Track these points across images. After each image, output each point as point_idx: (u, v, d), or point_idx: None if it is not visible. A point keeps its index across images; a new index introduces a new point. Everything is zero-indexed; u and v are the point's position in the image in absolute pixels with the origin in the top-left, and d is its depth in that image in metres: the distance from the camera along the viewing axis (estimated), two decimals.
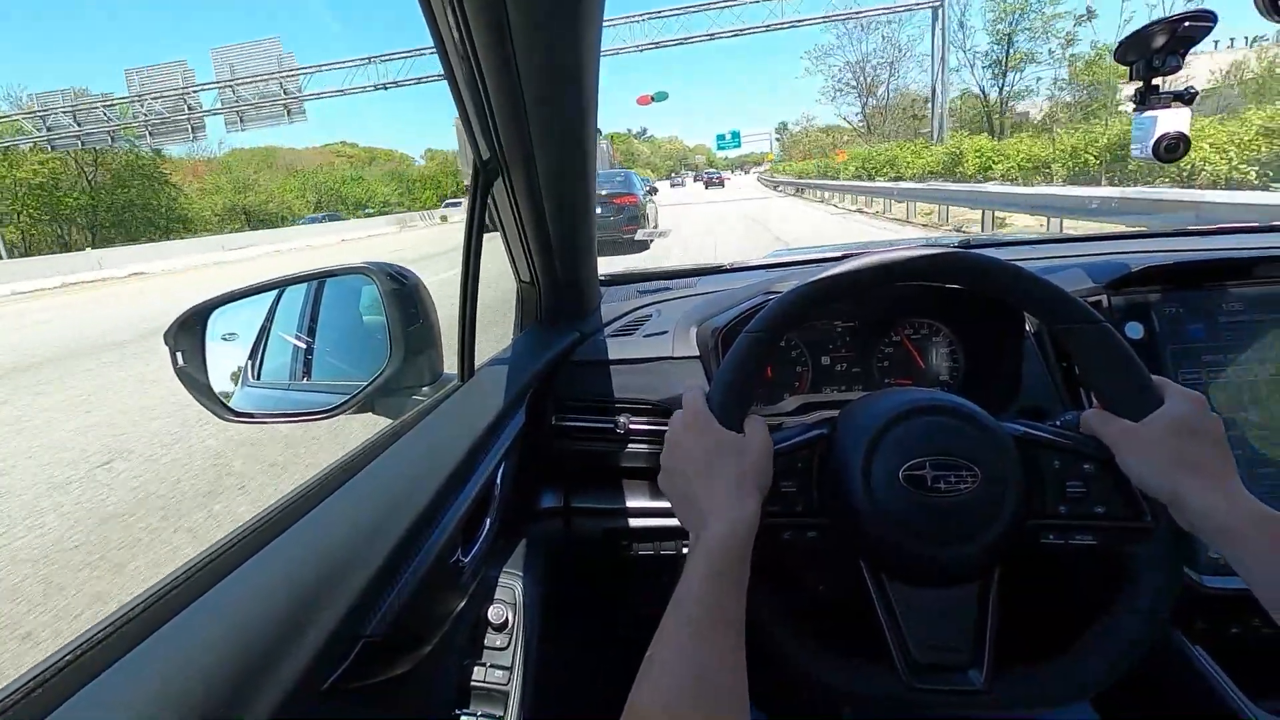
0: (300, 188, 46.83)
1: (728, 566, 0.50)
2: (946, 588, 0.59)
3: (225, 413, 0.90)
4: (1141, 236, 1.34)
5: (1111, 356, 0.56)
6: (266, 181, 47.25)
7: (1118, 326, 0.79)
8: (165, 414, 4.31)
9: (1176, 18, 0.77)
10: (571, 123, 0.74)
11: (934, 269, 0.61)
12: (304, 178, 49.15)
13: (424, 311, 0.92)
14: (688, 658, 0.45)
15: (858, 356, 1.06)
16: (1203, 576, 0.78)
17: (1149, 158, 0.87)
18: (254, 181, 43.68)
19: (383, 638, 0.50)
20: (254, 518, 0.53)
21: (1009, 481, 0.57)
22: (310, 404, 0.99)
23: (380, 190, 52.24)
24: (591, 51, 0.65)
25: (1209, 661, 0.77)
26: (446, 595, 0.66)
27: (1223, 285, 0.88)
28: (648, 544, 1.01)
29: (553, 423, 1.01)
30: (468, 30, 0.59)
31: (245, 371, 1.10)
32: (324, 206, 42.55)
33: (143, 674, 0.36)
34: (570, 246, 0.98)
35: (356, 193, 49.16)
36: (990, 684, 0.56)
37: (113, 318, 10.26)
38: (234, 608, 0.43)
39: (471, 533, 0.72)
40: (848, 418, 0.64)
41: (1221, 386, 0.85)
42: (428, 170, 70.23)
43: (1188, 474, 0.51)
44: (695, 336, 1.03)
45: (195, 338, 0.91)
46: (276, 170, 53.24)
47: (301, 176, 49.52)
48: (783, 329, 0.62)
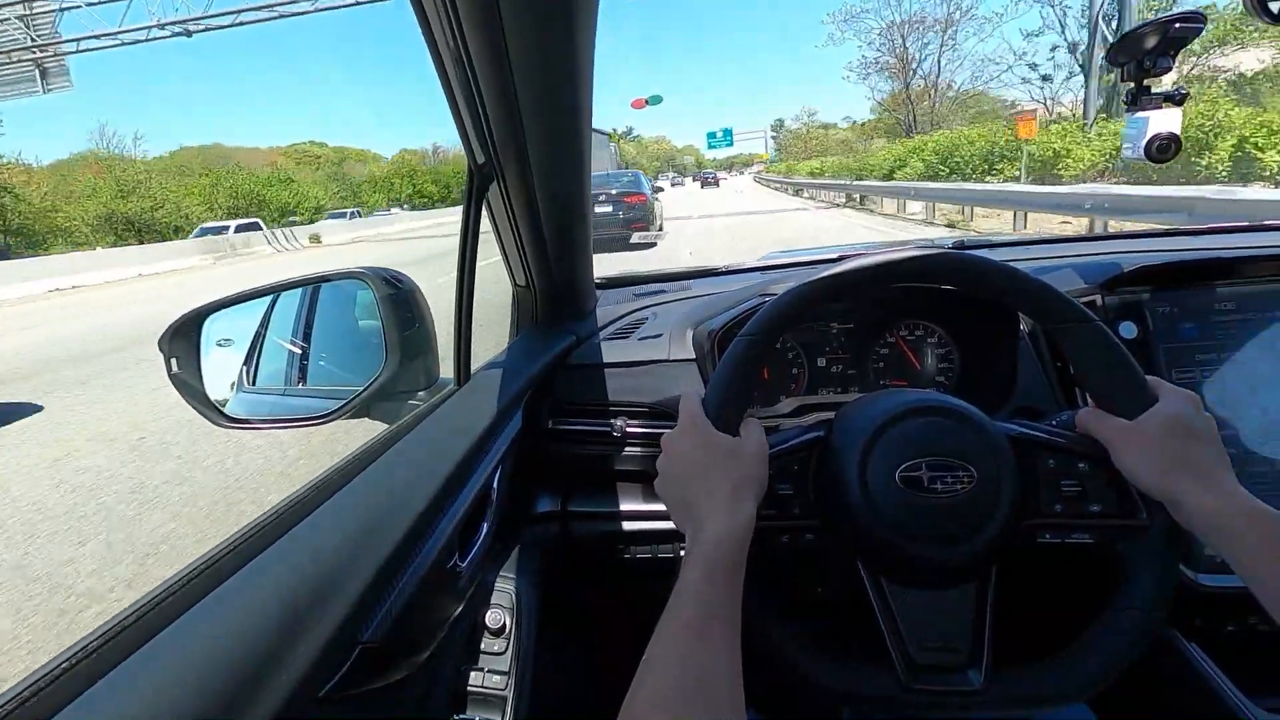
0: (209, 190, 38.11)
1: (724, 568, 0.50)
2: (944, 588, 0.59)
3: (220, 419, 0.89)
4: (1134, 236, 1.35)
5: (1106, 356, 0.57)
6: (171, 184, 37.57)
7: (1111, 326, 0.79)
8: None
9: (1167, 19, 0.77)
10: (566, 125, 0.75)
11: (931, 270, 0.62)
12: (216, 178, 39.83)
13: (420, 316, 0.92)
14: (685, 657, 0.45)
15: (853, 358, 1.07)
16: (1199, 575, 0.78)
17: (1141, 158, 0.88)
18: (141, 183, 33.48)
19: (380, 644, 0.50)
20: (249, 524, 0.53)
21: (1005, 481, 0.57)
22: (306, 409, 0.98)
23: (315, 194, 45.01)
24: (586, 53, 0.66)
25: (1206, 660, 0.77)
26: (443, 600, 0.66)
27: (1215, 284, 0.88)
28: (645, 547, 1.01)
29: (549, 426, 1.01)
30: (462, 35, 0.59)
31: (241, 377, 1.10)
32: (240, 213, 33.72)
33: (137, 682, 0.36)
34: (566, 250, 0.98)
35: (283, 197, 41.31)
36: (988, 684, 0.56)
37: None
38: (230, 615, 0.42)
39: (468, 537, 0.72)
40: (844, 419, 0.64)
41: (1215, 385, 0.85)
42: (380, 171, 63.83)
43: (1183, 471, 0.51)
44: (691, 339, 1.03)
45: (190, 343, 0.90)
46: (203, 173, 45.08)
47: (214, 177, 40.22)
48: (778, 331, 0.62)
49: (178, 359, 0.88)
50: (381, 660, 0.52)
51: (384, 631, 0.51)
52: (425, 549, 0.60)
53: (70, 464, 3.70)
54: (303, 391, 1.13)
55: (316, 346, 1.12)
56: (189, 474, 3.41)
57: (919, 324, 1.05)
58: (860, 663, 0.59)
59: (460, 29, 0.58)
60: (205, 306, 0.91)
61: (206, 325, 0.92)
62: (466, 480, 0.71)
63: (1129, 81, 0.86)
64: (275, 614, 0.43)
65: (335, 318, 1.10)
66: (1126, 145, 0.90)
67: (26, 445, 4.18)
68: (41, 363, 6.72)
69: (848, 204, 21.03)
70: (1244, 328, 0.87)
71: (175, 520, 2.90)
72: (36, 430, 4.52)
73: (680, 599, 0.49)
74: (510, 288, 1.11)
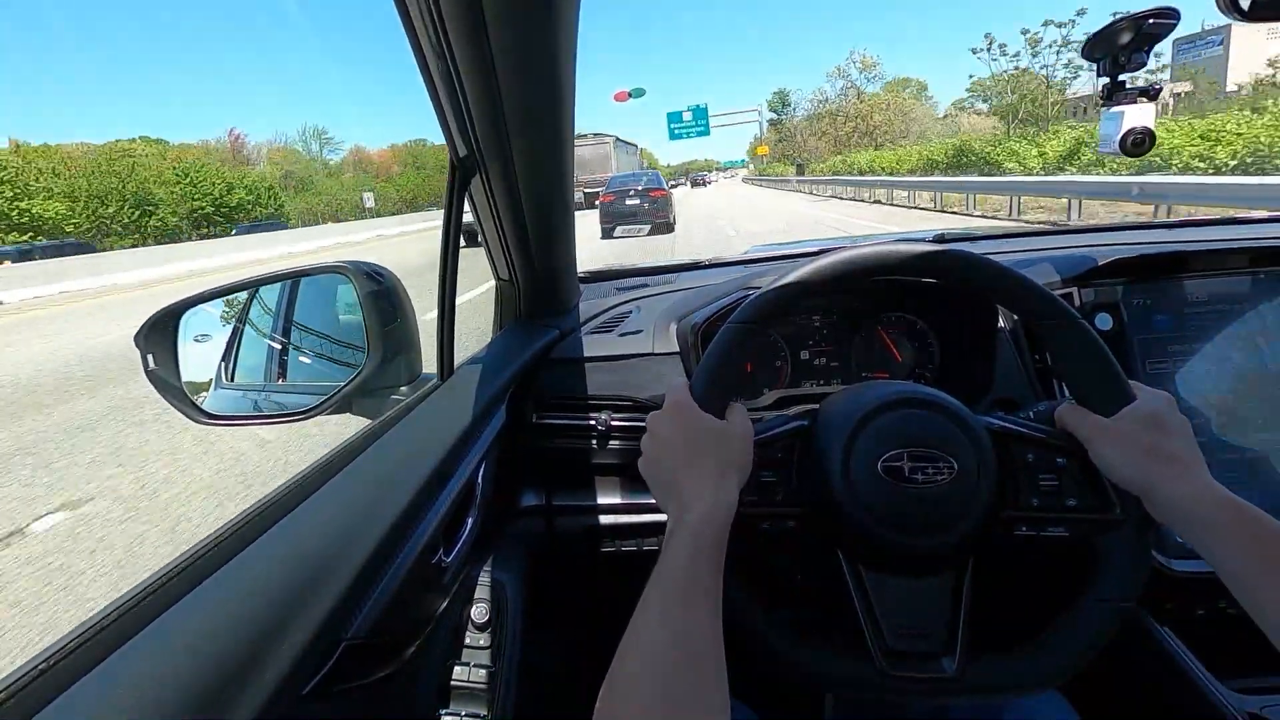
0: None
1: (707, 545, 0.51)
2: (921, 577, 0.60)
3: (198, 415, 0.88)
4: (1110, 229, 1.37)
5: (1087, 353, 0.58)
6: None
7: (1087, 318, 0.80)
8: None
9: (1141, 15, 0.78)
10: (549, 117, 0.74)
11: (919, 264, 0.62)
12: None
13: (402, 310, 0.91)
14: (669, 626, 0.46)
15: (836, 350, 1.08)
16: (1171, 560, 0.80)
17: (1116, 152, 0.89)
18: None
19: (363, 640, 0.50)
20: (231, 520, 0.52)
21: (984, 473, 0.58)
22: (286, 405, 0.97)
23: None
24: (568, 44, 0.65)
25: (1177, 643, 0.79)
26: (428, 596, 0.66)
27: (1188, 277, 0.90)
28: (630, 541, 1.01)
29: (533, 421, 1.01)
30: (443, 25, 0.58)
31: (219, 373, 1.09)
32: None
33: (119, 681, 0.36)
34: (548, 243, 0.98)
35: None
36: (962, 671, 0.57)
37: None
38: (212, 612, 0.42)
39: (453, 532, 0.72)
40: (828, 410, 0.65)
41: (1187, 375, 0.87)
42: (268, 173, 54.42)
43: (1159, 465, 0.53)
44: (675, 332, 1.03)
45: (167, 339, 0.89)
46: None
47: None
48: (766, 319, 0.63)
49: (154, 355, 0.86)
50: (365, 657, 0.52)
51: (368, 628, 0.51)
52: (409, 545, 0.59)
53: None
54: (283, 387, 1.12)
55: (297, 341, 1.11)
56: None
57: (900, 317, 1.06)
58: (838, 649, 0.60)
59: (442, 21, 0.57)
60: (182, 301, 0.90)
61: (184, 320, 0.90)
62: (450, 475, 0.71)
63: (1104, 76, 0.87)
64: (257, 612, 0.43)
65: (316, 312, 1.09)
66: (1102, 141, 0.91)
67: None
68: None
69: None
70: (1215, 319, 0.89)
71: None
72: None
73: (663, 574, 0.49)
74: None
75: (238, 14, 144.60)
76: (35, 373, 6.34)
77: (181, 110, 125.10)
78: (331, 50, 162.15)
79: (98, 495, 3.17)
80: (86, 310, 11.84)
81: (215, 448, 3.61)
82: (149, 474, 3.38)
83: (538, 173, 0.82)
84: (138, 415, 4.39)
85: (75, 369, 6.30)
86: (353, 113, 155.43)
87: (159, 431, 4.00)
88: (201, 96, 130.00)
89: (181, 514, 2.90)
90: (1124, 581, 0.57)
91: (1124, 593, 0.57)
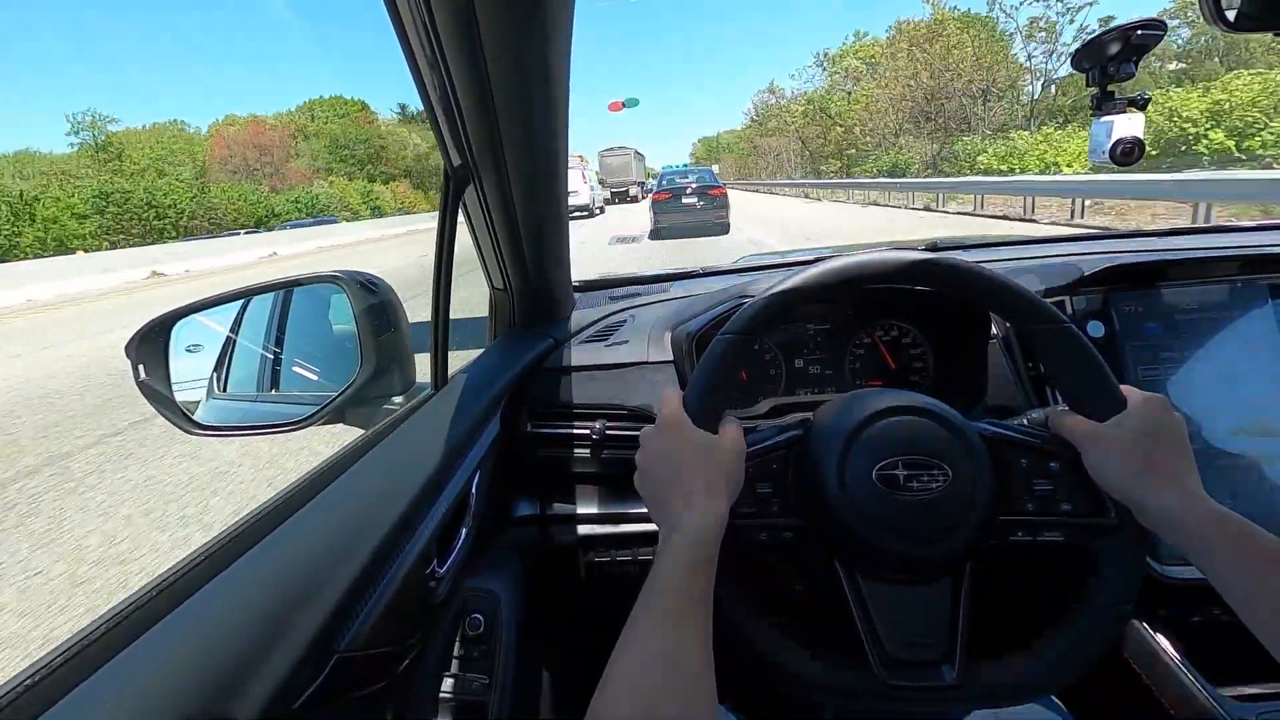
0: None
1: (698, 560, 0.51)
2: (919, 585, 0.60)
3: (190, 426, 0.87)
4: (1101, 238, 1.38)
5: (1079, 360, 0.58)
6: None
7: (1079, 325, 0.81)
8: None
9: (1129, 26, 0.79)
10: (543, 126, 0.74)
11: (911, 273, 0.62)
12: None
13: (395, 320, 0.90)
14: (657, 645, 0.46)
15: (830, 359, 1.08)
16: (1165, 567, 0.80)
17: (1106, 162, 0.90)
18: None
19: (357, 653, 0.50)
20: (222, 533, 0.52)
21: (979, 480, 0.58)
22: (279, 415, 0.97)
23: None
24: (562, 54, 0.65)
25: (1172, 649, 0.79)
26: (422, 607, 0.65)
27: (1178, 284, 0.91)
28: (625, 551, 1.01)
29: (528, 430, 1.00)
30: (437, 36, 0.58)
31: (211, 383, 1.08)
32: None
33: (109, 695, 0.35)
34: (543, 252, 0.98)
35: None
36: (961, 678, 0.57)
37: None
38: (203, 625, 0.42)
39: (447, 543, 0.72)
40: (822, 419, 0.65)
41: (1179, 382, 0.88)
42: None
43: (1149, 475, 0.53)
44: (669, 341, 1.03)
45: (158, 349, 0.88)
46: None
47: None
48: (759, 329, 0.63)
49: (145, 365, 0.86)
50: (359, 669, 0.52)
51: (361, 641, 0.50)
52: (403, 555, 0.59)
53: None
54: (276, 397, 1.11)
55: (290, 351, 1.10)
56: None
57: (894, 325, 1.06)
58: (837, 659, 0.60)
59: (436, 32, 0.58)
60: (174, 311, 0.89)
61: (175, 330, 0.90)
62: (444, 485, 0.71)
63: (1093, 87, 0.88)
64: (249, 624, 0.43)
65: (309, 322, 1.08)
66: (1091, 150, 0.92)
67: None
68: None
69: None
70: (1206, 326, 0.89)
71: None
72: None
73: (653, 590, 0.49)
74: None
75: (235, 24, 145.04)
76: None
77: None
78: (327, 58, 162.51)
79: None
80: None
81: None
82: None
83: (532, 182, 0.82)
84: None
85: None
86: None
87: None
88: (202, 104, 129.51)
89: None
90: (1121, 586, 0.57)
91: (1121, 597, 0.57)
